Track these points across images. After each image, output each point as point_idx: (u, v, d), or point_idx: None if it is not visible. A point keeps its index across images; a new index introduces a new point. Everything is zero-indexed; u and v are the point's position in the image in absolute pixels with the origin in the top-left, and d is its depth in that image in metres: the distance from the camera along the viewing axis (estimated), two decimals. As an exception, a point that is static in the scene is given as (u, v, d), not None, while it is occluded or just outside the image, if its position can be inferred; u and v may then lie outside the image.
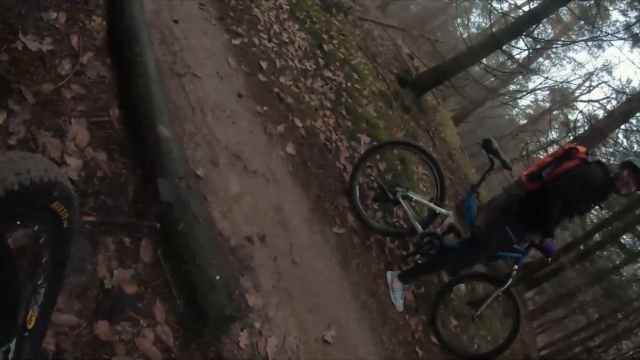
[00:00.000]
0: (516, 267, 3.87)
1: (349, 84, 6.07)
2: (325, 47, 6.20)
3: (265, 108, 4.04)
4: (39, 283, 1.26)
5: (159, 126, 2.59)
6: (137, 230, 2.29)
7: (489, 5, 9.93)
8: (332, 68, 5.91)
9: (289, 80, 4.73)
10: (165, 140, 2.57)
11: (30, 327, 1.22)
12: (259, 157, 3.62)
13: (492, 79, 17.03)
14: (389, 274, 4.09)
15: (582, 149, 3.63)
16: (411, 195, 4.17)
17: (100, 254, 2.07)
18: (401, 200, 4.14)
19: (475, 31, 21.89)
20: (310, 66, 5.43)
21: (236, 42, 4.39)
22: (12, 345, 1.07)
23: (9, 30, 2.40)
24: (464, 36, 9.89)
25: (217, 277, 2.27)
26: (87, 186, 2.23)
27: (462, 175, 10.77)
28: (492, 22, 9.87)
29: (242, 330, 2.48)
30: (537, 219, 3.61)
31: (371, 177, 4.59)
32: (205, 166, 3.05)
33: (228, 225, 2.90)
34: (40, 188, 1.02)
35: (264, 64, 4.50)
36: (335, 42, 6.82)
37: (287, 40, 5.37)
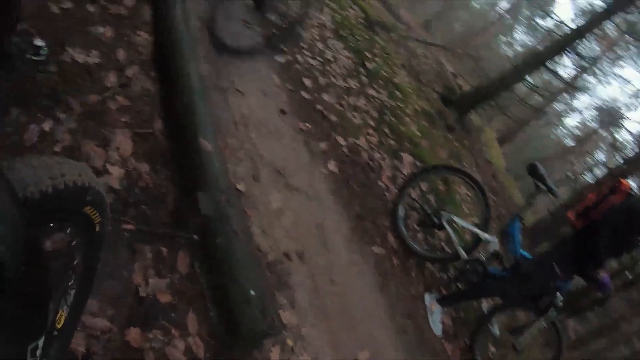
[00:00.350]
0: (559, 295, 3.74)
1: (392, 103, 6.03)
2: (368, 65, 6.19)
3: (308, 125, 4.04)
4: (69, 284, 1.28)
5: (200, 139, 2.61)
6: (175, 241, 2.30)
7: (533, 22, 9.80)
8: (375, 86, 5.89)
9: (333, 98, 4.72)
10: (207, 154, 2.58)
11: (59, 326, 1.25)
12: (301, 173, 3.60)
13: (538, 96, 16.71)
14: (427, 296, 3.98)
15: (626, 183, 3.55)
16: (456, 219, 4.08)
17: (137, 262, 2.09)
18: (446, 225, 4.05)
19: (519, 49, 21.62)
20: (353, 84, 5.42)
21: (280, 59, 4.43)
22: (40, 342, 1.07)
23: (58, 44, 2.49)
24: (508, 54, 9.75)
25: (253, 292, 2.24)
26: (128, 195, 2.26)
27: (507, 197, 10.51)
28: (537, 39, 9.71)
29: (274, 347, 2.43)
30: (585, 255, 3.52)
31: (415, 201, 4.50)
32: (246, 181, 3.05)
33: (267, 241, 2.88)
34: (74, 192, 1.05)
35: (307, 82, 4.51)
36: (378, 60, 6.81)
37: (331, 59, 5.39)
